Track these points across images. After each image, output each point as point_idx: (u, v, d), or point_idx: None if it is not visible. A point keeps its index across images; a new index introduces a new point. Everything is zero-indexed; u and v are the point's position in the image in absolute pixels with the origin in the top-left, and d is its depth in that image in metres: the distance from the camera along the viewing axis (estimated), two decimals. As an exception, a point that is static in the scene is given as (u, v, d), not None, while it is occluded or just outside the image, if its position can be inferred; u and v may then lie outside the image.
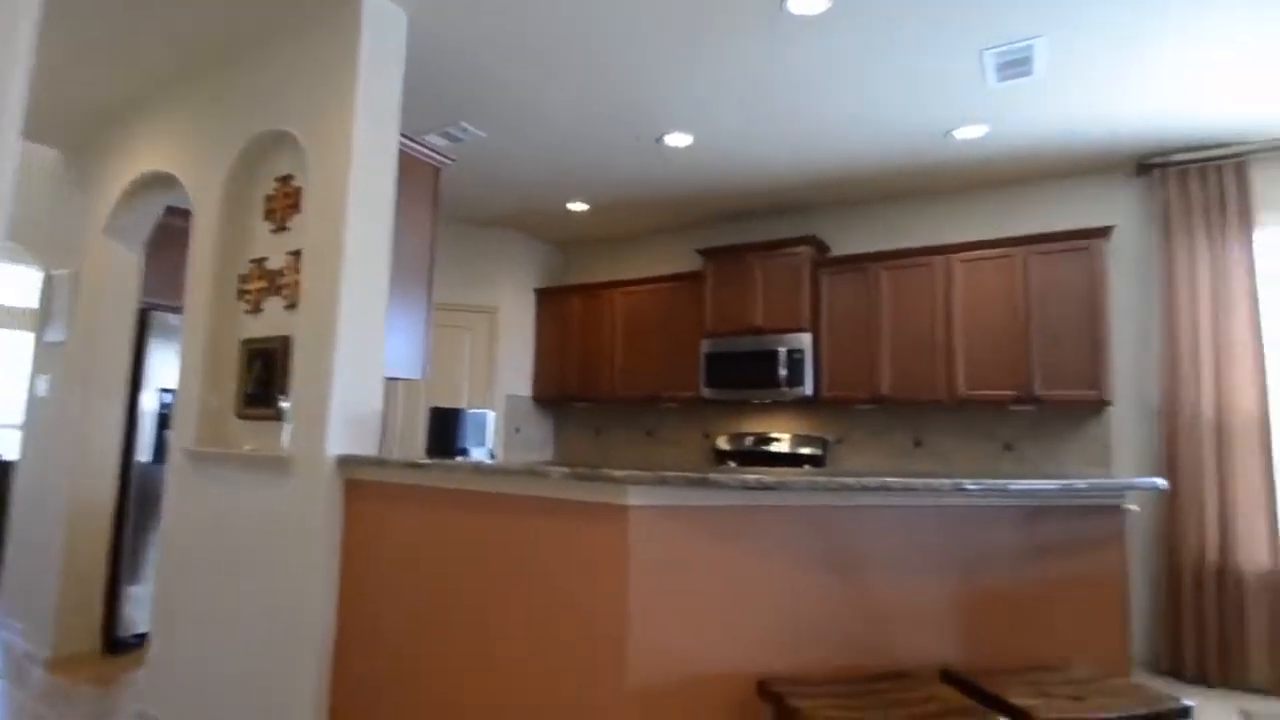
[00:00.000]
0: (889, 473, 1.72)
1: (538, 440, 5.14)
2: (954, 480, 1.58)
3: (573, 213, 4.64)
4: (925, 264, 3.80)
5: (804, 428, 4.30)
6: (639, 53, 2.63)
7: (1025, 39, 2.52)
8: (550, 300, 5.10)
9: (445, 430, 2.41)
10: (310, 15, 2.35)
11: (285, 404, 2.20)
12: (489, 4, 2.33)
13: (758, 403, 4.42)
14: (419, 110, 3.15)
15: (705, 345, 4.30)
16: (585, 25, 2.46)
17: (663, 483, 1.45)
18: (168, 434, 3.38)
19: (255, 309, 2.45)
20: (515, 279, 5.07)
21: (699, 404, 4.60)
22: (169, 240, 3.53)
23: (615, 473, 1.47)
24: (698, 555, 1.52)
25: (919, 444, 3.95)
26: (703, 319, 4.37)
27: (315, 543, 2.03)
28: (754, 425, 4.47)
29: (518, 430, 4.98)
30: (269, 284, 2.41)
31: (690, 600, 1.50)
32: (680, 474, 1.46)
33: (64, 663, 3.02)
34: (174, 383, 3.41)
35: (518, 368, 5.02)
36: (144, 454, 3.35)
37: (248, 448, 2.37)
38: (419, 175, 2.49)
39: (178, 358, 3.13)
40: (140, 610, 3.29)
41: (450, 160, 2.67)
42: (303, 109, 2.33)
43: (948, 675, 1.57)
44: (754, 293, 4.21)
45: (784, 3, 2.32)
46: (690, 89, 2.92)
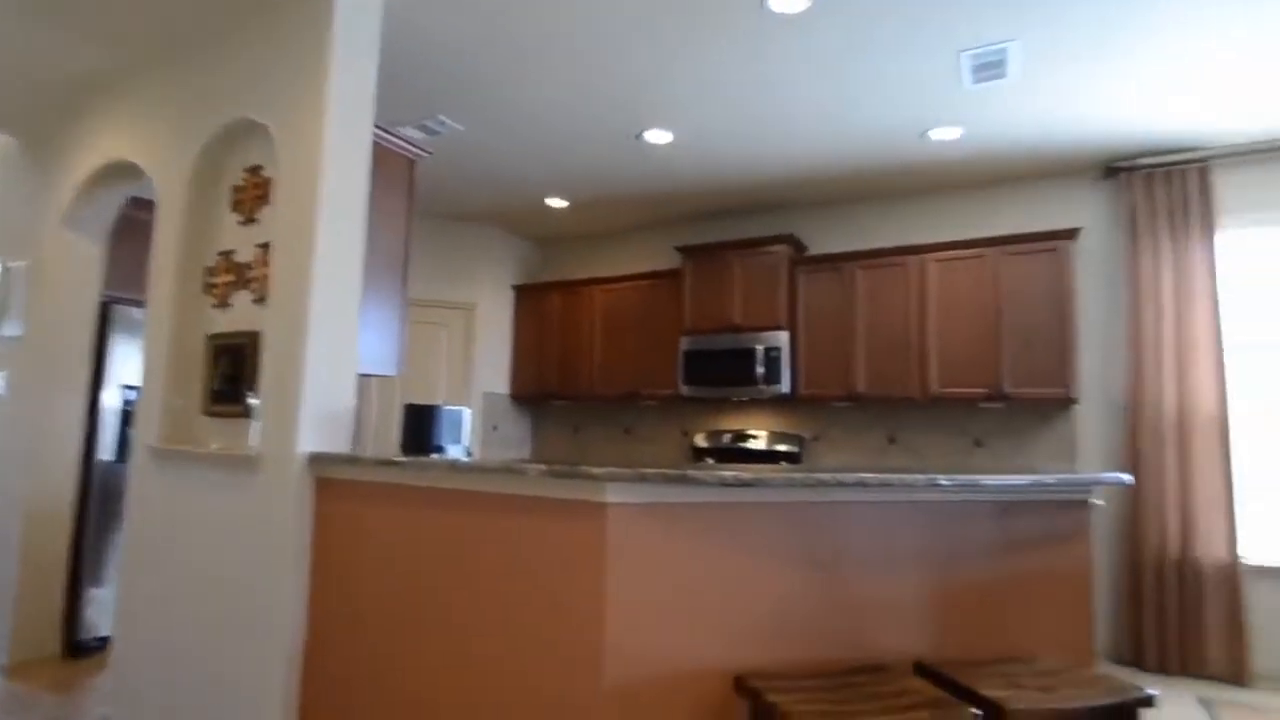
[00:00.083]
0: (865, 469, 1.75)
1: (515, 438, 5.11)
2: (928, 476, 1.60)
3: (551, 209, 4.61)
4: (900, 264, 3.85)
5: (781, 425, 4.34)
6: (619, 47, 2.62)
7: (1000, 42, 2.57)
8: (529, 297, 5.06)
9: (420, 428, 2.37)
10: (281, 0, 2.29)
11: (254, 401, 2.15)
12: (466, -5, 2.30)
13: (735, 400, 4.45)
14: (394, 102, 3.09)
15: (684, 343, 4.30)
16: (565, 18, 2.43)
17: (642, 480, 1.45)
18: (131, 432, 3.28)
19: (222, 303, 2.38)
20: (493, 275, 5.02)
21: (677, 401, 4.61)
22: (132, 232, 3.42)
23: (594, 470, 1.46)
24: (676, 552, 1.52)
25: (893, 441, 4.01)
26: (681, 317, 4.38)
27: (284, 542, 1.99)
28: (732, 423, 4.49)
29: (495, 428, 4.94)
30: (237, 277, 2.35)
31: (668, 597, 1.51)
32: (659, 471, 1.46)
33: (22, 668, 2.91)
34: (138, 379, 3.30)
35: (495, 365, 4.97)
36: (106, 452, 3.25)
37: (214, 446, 2.30)
38: (393, 167, 2.44)
39: (141, 353, 3.03)
40: (102, 613, 3.19)
41: (426, 153, 2.63)
42: (273, 97, 2.27)
43: (921, 668, 1.60)
44: (732, 291, 4.23)
45: (765, 0, 2.33)
46: (671, 85, 2.92)
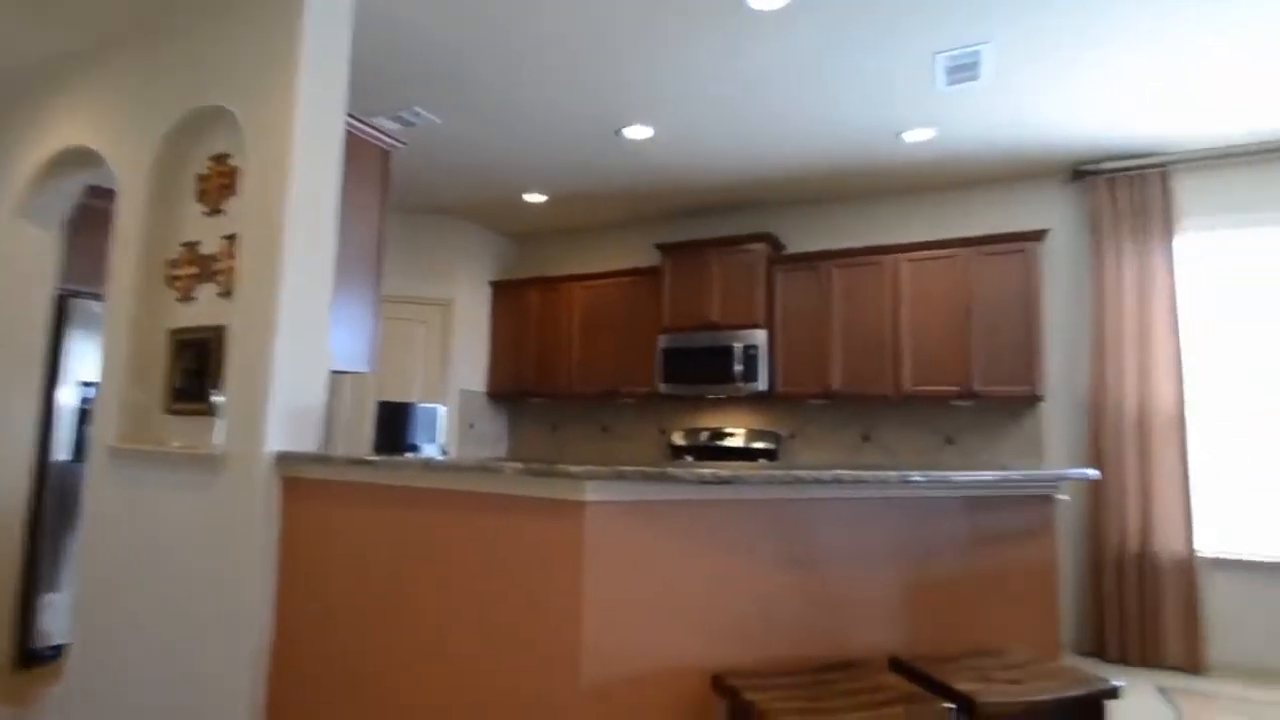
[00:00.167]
0: (840, 466, 1.76)
1: (491, 436, 5.05)
2: (902, 473, 1.62)
3: (529, 204, 4.56)
4: (875, 263, 3.90)
5: (758, 423, 4.36)
6: (600, 40, 2.59)
7: (973, 44, 2.61)
8: (506, 293, 5.01)
9: (394, 426, 2.32)
10: (248, -15, 2.21)
11: (218, 398, 2.08)
12: (442, -16, 2.25)
13: (713, 398, 4.46)
14: (368, 91, 3.02)
15: (663, 340, 4.30)
16: (546, 10, 2.40)
17: (620, 478, 1.44)
18: (88, 430, 3.15)
19: (186, 296, 2.30)
20: (470, 271, 4.95)
21: (655, 399, 4.61)
22: (91, 222, 3.28)
23: (572, 468, 1.44)
24: (654, 551, 1.52)
25: (867, 438, 4.07)
26: (660, 314, 4.37)
27: (250, 544, 1.92)
28: (709, 420, 4.50)
29: (471, 426, 4.87)
30: (201, 270, 2.27)
31: (646, 596, 1.50)
32: (638, 469, 1.44)
33: (-32, 679, 2.78)
34: (96, 376, 3.17)
35: (472, 362, 4.91)
36: (62, 452, 3.12)
37: (176, 445, 2.22)
38: (367, 158, 2.38)
39: (100, 349, 2.91)
40: (58, 620, 3.06)
41: (401, 144, 2.57)
42: (241, 83, 2.19)
43: (895, 663, 1.61)
44: (711, 289, 4.24)
45: (744, -2, 2.33)
46: (651, 80, 2.91)
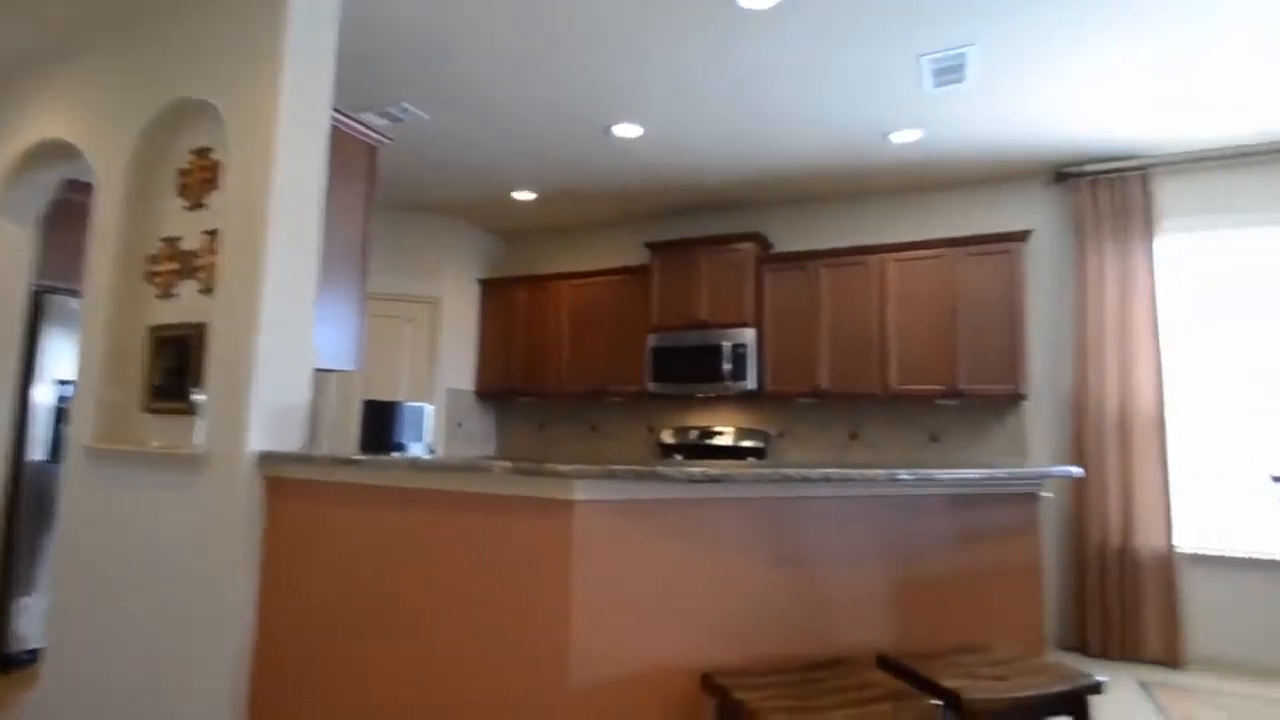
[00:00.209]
0: (828, 465, 1.76)
1: (479, 435, 5.01)
2: (890, 471, 1.63)
3: (518, 202, 4.54)
4: (862, 263, 3.93)
5: (747, 421, 4.37)
6: (590, 38, 2.58)
7: (959, 46, 2.64)
8: (495, 291, 4.97)
9: (380, 425, 2.30)
10: (231, -24, 2.17)
11: (199, 397, 2.04)
12: (430, -23, 2.23)
13: (702, 397, 4.46)
14: (355, 86, 2.98)
15: (652, 339, 4.29)
16: (536, 6, 2.38)
17: (610, 477, 1.43)
18: (65, 430, 3.08)
19: (166, 293, 2.25)
20: (458, 269, 4.91)
21: (644, 398, 4.60)
22: (68, 217, 3.21)
23: (561, 467, 1.43)
24: (643, 550, 1.51)
25: (854, 436, 4.09)
26: (649, 313, 4.37)
27: (232, 546, 1.89)
28: (698, 419, 4.51)
29: (459, 425, 4.84)
30: (182, 266, 2.22)
31: (635, 595, 1.49)
32: (627, 468, 1.44)
33: (-62, 685, 2.70)
34: (73, 374, 3.10)
35: (460, 361, 4.87)
36: (38, 452, 3.05)
37: (155, 444, 2.18)
38: (353, 154, 2.35)
39: (77, 346, 2.85)
40: (33, 624, 2.99)
41: (388, 139, 2.54)
42: (223, 75, 2.15)
43: (883, 660, 1.62)
44: (700, 288, 4.24)
45: (734, -4, 2.33)
46: (641, 78, 2.90)
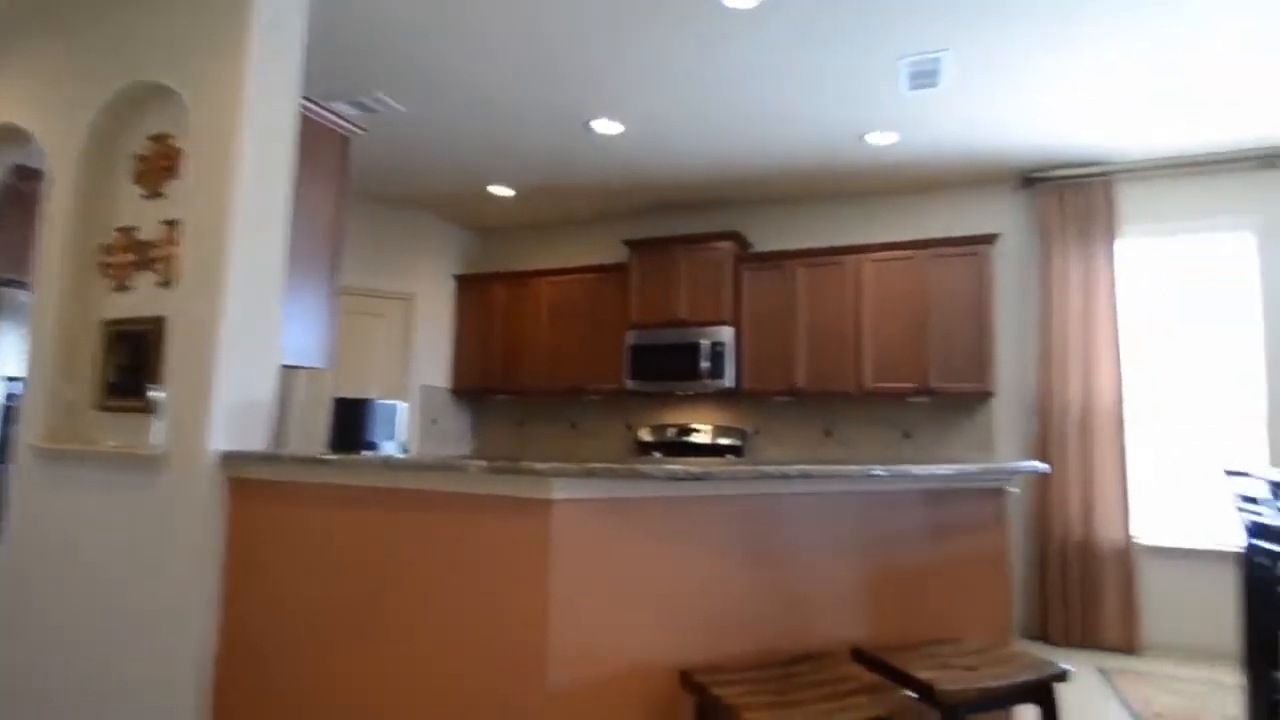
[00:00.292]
0: (804, 461, 1.78)
1: (455, 433, 4.94)
2: (865, 467, 1.65)
3: (496, 197, 4.47)
4: (838, 263, 3.97)
5: (725, 419, 4.39)
6: (571, 31, 2.54)
7: (935, 51, 2.67)
8: (471, 287, 4.90)
9: (351, 423, 2.24)
10: (192, -46, 2.08)
11: (157, 394, 1.95)
12: (404, -37, 2.17)
13: (680, 394, 4.47)
14: (328, 74, 2.89)
15: (630, 337, 4.28)
16: (510, -3, 2.34)
17: (589, 475, 1.41)
18: (13, 429, 2.93)
19: (121, 286, 2.15)
20: (433, 264, 4.82)
21: (622, 396, 4.59)
22: (17, 205, 3.05)
23: (539, 465, 1.41)
24: (622, 549, 1.49)
25: (829, 433, 4.14)
26: (628, 310, 4.35)
27: (192, 550, 1.82)
28: (676, 417, 4.51)
29: (434, 422, 4.75)
30: (139, 257, 2.12)
31: (614, 594, 1.47)
32: (606, 466, 1.42)
33: None
34: (22, 370, 2.95)
35: (435, 358, 4.78)
36: (-18, 452, 2.89)
37: (110, 444, 2.08)
38: (324, 143, 2.28)
39: (26, 341, 2.71)
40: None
41: (361, 130, 2.47)
42: (184, 57, 2.06)
43: (858, 654, 1.64)
44: (678, 286, 4.24)
45: (715, -8, 2.32)
46: (622, 75, 2.87)
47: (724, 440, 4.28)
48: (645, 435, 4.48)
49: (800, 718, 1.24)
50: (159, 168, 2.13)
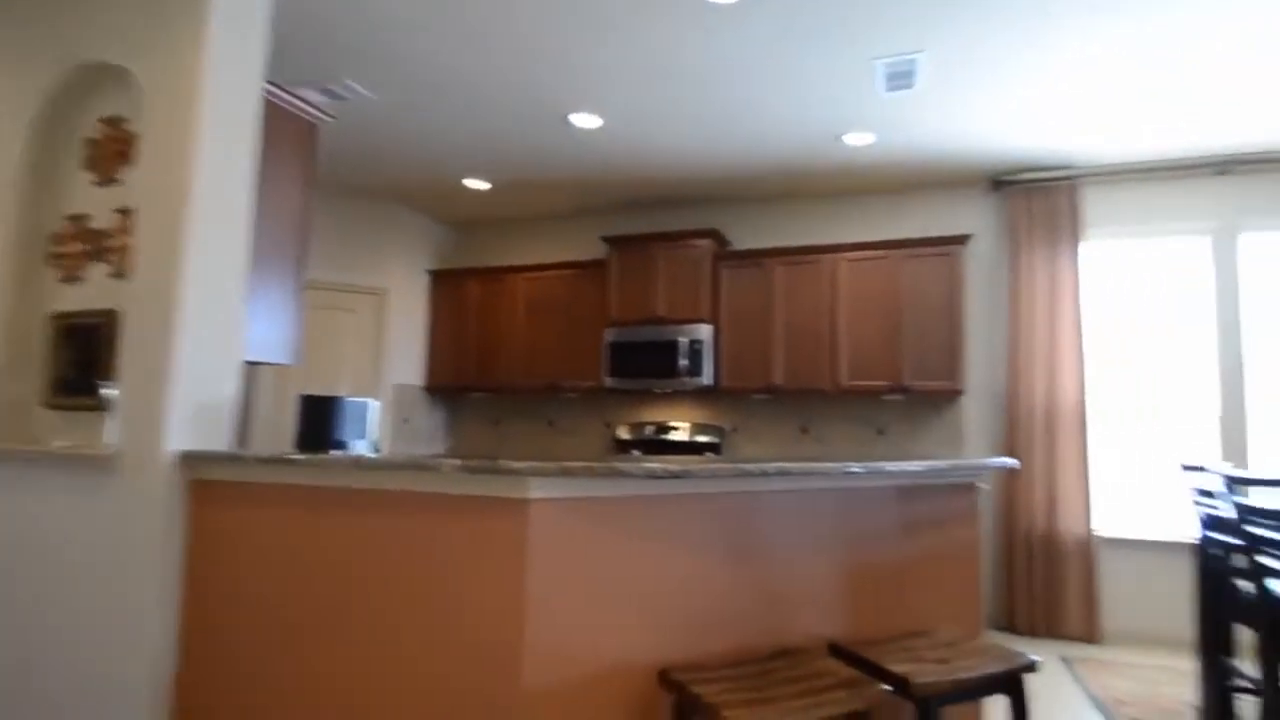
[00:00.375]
0: (781, 459, 1.78)
1: (428, 432, 4.84)
2: (843, 464, 1.65)
3: (471, 190, 4.39)
4: (815, 262, 4.00)
5: (703, 417, 4.39)
6: (550, 19, 2.49)
7: (911, 53, 2.70)
8: (446, 283, 4.80)
9: (319, 421, 2.16)
10: (148, -72, 1.98)
11: (110, 392, 1.85)
12: (375, -55, 2.10)
13: (658, 392, 4.45)
14: (294, 59, 2.78)
15: (609, 334, 4.25)
16: (486, -16, 2.28)
17: (567, 474, 1.38)
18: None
19: (71, 277, 2.04)
20: (406, 259, 4.71)
21: (600, 393, 4.56)
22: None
23: (516, 464, 1.37)
24: (599, 548, 1.47)
25: (805, 431, 4.18)
26: (607, 307, 4.32)
27: (149, 555, 1.73)
28: (654, 414, 4.50)
29: (406, 421, 4.65)
30: (90, 247, 2.02)
31: (592, 594, 1.45)
32: (585, 464, 1.39)
33: None
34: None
35: (408, 354, 4.68)
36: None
37: (59, 444, 1.97)
38: (290, 130, 2.19)
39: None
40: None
41: (329, 117, 2.39)
42: (138, 37, 1.96)
43: (835, 648, 1.65)
44: (657, 283, 4.22)
45: (696, -15, 2.30)
46: (602, 66, 2.83)
47: (702, 438, 4.29)
48: (623, 433, 4.45)
49: (778, 714, 1.24)
50: (112, 153, 2.02)
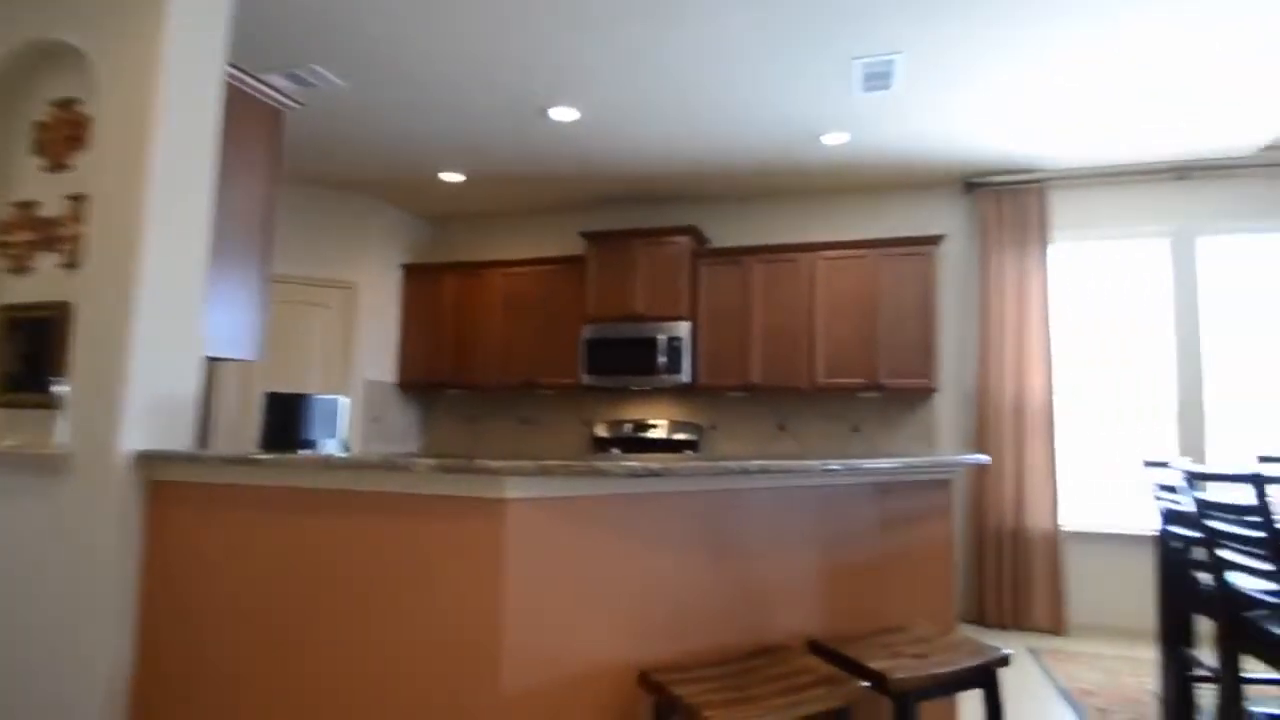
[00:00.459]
0: (758, 456, 1.77)
1: (400, 430, 4.74)
2: (822, 461, 1.66)
3: (446, 183, 4.30)
4: (793, 260, 4.02)
5: (681, 414, 4.39)
6: (528, 11, 2.45)
7: (888, 53, 2.72)
8: (419, 277, 4.70)
9: (286, 420, 2.09)
10: (102, -100, 1.88)
11: (61, 388, 1.76)
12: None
13: (636, 389, 4.44)
14: (259, 43, 2.68)
15: (586, 331, 4.21)
16: (462, -29, 2.23)
17: (545, 473, 1.35)
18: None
19: (19, 267, 1.93)
20: (378, 252, 4.60)
21: (577, 390, 4.52)
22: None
23: (492, 464, 1.33)
24: (579, 548, 1.44)
25: (782, 428, 4.20)
26: (584, 303, 4.28)
27: (104, 560, 1.65)
28: (632, 412, 4.48)
29: (377, 419, 4.55)
30: (39, 236, 1.91)
31: (570, 596, 1.42)
32: (563, 463, 1.36)
33: None
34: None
35: (380, 350, 4.57)
36: None
37: (7, 443, 1.87)
38: (254, 116, 2.11)
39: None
40: None
41: (297, 104, 2.30)
42: (91, 14, 1.86)
43: (814, 646, 1.65)
44: (635, 280, 4.19)
45: (676, -22, 2.28)
46: (580, 58, 2.79)
47: (680, 435, 4.28)
48: (601, 430, 4.42)
49: (758, 713, 1.23)
50: (64, 137, 1.92)
